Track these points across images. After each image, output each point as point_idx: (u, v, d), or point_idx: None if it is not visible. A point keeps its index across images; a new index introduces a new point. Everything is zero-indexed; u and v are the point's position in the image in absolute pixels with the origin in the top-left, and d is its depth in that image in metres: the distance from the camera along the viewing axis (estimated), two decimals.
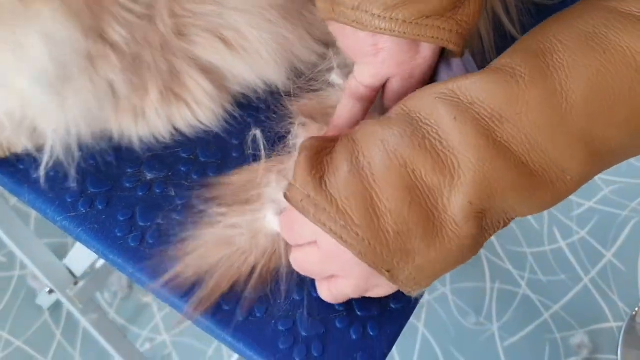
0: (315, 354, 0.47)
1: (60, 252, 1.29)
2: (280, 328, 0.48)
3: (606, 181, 1.64)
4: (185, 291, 0.48)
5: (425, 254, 0.41)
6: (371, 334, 0.48)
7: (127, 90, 0.49)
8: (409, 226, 0.41)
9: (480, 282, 1.49)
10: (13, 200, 1.47)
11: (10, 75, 0.45)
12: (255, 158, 0.54)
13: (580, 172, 0.41)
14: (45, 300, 1.34)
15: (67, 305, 0.99)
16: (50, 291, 0.97)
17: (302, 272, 0.48)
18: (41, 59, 0.44)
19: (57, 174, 0.51)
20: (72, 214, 0.51)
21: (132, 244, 0.50)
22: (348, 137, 0.44)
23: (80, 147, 0.51)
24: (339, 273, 0.45)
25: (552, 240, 1.57)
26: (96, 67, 0.47)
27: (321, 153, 0.44)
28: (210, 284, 0.48)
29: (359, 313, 0.49)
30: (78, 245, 0.93)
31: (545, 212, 1.59)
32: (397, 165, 0.41)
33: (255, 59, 0.54)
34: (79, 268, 0.96)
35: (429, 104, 0.42)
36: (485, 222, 0.42)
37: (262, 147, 0.53)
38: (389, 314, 0.49)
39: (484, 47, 0.62)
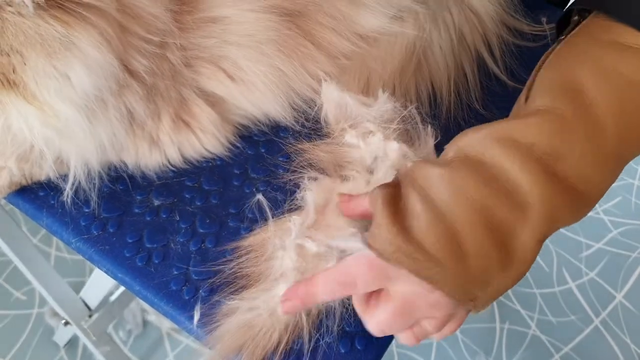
0: None
1: (78, 290, 1.34)
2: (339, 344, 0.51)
3: (615, 223, 1.66)
4: None
5: (502, 280, 0.44)
6: (359, 348, 0.52)
7: (145, 118, 0.55)
8: (491, 261, 0.44)
9: (489, 322, 1.50)
10: (35, 239, 1.53)
11: (53, 102, 0.49)
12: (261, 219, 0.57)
13: (612, 182, 0.47)
14: (62, 338, 1.37)
15: (81, 337, 1.02)
16: (66, 323, 1.01)
17: (384, 334, 0.48)
18: (83, 86, 0.48)
19: (74, 199, 0.57)
20: (85, 236, 0.55)
21: (139, 264, 0.54)
22: (411, 182, 0.46)
23: (100, 175, 0.56)
24: (423, 316, 0.46)
25: (562, 281, 1.58)
26: (122, 96, 0.52)
27: (395, 199, 0.45)
28: None
29: (347, 329, 0.52)
30: (93, 278, 0.97)
31: (554, 253, 1.61)
32: (473, 205, 0.43)
33: (252, 90, 0.59)
34: (93, 301, 1.00)
35: (490, 148, 0.45)
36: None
37: (267, 211, 0.57)
38: None
39: (469, 85, 0.67)
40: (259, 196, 0.58)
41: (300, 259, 0.53)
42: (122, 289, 1.01)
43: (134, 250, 0.55)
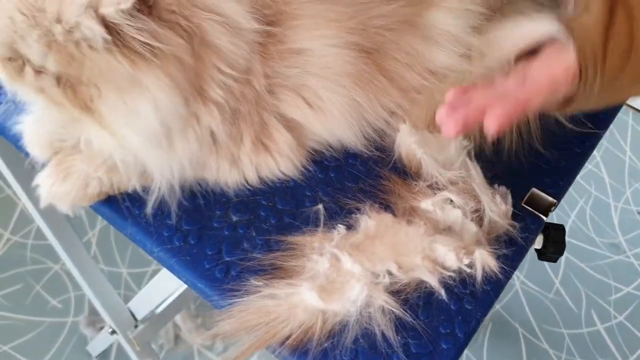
0: None
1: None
2: (345, 358, 0.54)
3: None
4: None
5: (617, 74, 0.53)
6: None
7: (227, 139, 0.58)
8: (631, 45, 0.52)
9: None
10: (92, 249, 1.57)
11: (123, 132, 0.53)
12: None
13: None
14: (95, 348, 1.40)
15: (125, 347, 1.05)
16: (113, 332, 1.04)
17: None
18: (150, 122, 0.53)
19: (157, 211, 0.60)
20: (167, 247, 0.59)
21: (218, 275, 0.57)
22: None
23: (181, 189, 0.60)
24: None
25: (590, 323, 1.58)
26: (200, 120, 0.56)
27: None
28: (245, 345, 0.54)
29: (413, 350, 0.55)
30: (145, 291, 1.00)
31: (583, 295, 1.61)
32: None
33: (329, 118, 0.62)
34: (141, 312, 1.03)
35: None
36: None
37: (321, 221, 0.61)
38: (440, 352, 0.55)
39: (529, 125, 0.70)
40: (319, 206, 0.62)
41: (333, 269, 0.56)
42: (168, 302, 1.03)
43: (213, 262, 0.58)
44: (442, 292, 0.56)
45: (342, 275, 0.55)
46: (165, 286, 0.90)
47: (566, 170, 0.69)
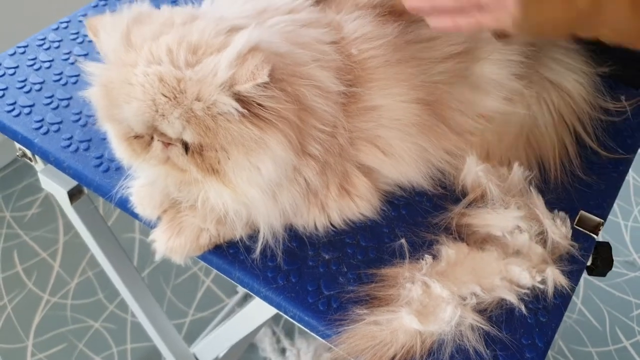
0: None
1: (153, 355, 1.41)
2: None
3: None
4: None
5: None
6: None
7: (319, 188, 0.66)
8: None
9: None
10: (112, 305, 1.62)
11: (245, 188, 0.61)
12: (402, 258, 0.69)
13: None
14: None
15: None
16: None
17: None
18: (269, 175, 0.61)
19: (260, 255, 0.67)
20: (273, 286, 0.66)
21: (322, 308, 0.65)
22: None
23: (281, 234, 0.68)
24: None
25: (616, 340, 1.65)
26: (301, 173, 0.64)
27: None
28: None
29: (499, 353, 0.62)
30: (213, 337, 1.06)
31: (605, 313, 1.68)
32: None
33: (400, 163, 0.71)
34: (206, 357, 1.09)
35: None
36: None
37: (406, 254, 0.69)
38: None
39: (570, 156, 0.79)
40: (402, 240, 0.70)
41: (425, 295, 0.64)
42: (230, 345, 1.09)
43: (315, 297, 0.65)
44: (522, 307, 0.64)
45: (434, 299, 0.63)
46: (235, 332, 0.96)
47: (607, 192, 0.77)
